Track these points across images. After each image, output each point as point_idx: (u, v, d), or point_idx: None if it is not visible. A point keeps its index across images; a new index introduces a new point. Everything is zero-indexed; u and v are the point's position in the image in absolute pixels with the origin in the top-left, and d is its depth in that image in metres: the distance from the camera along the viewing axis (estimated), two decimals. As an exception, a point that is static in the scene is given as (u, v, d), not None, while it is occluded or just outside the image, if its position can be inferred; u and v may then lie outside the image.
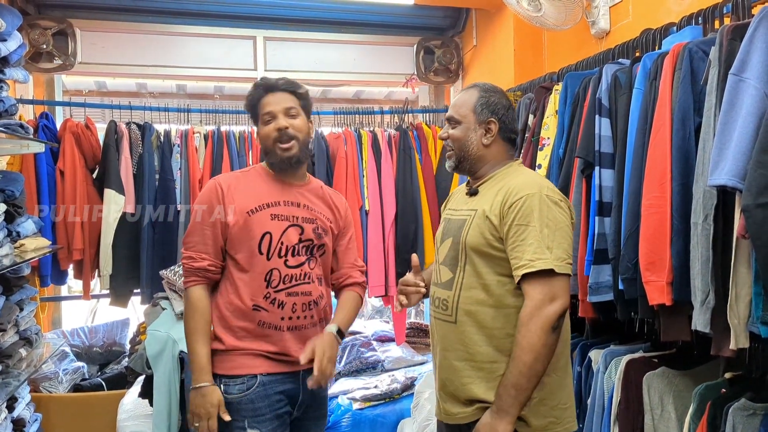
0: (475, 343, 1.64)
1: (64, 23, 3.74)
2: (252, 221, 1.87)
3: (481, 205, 1.70)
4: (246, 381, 1.84)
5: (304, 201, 1.96)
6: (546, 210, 1.58)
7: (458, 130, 1.78)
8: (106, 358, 3.82)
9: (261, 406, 1.83)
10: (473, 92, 1.79)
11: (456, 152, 1.79)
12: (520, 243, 1.57)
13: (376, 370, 3.67)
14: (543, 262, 1.53)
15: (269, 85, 1.93)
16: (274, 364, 1.86)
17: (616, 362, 2.11)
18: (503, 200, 1.63)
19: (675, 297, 1.72)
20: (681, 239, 1.70)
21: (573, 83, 2.37)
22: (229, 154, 3.55)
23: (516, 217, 1.59)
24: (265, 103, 1.91)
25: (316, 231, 1.94)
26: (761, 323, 1.46)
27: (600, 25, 2.94)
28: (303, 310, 1.89)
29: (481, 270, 1.65)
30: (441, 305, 1.74)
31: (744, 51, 1.49)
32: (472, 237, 1.66)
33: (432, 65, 4.37)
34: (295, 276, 1.88)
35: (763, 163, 1.37)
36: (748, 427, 1.62)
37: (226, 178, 1.96)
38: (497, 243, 1.63)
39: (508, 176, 1.73)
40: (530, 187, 1.62)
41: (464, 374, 1.66)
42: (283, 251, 1.87)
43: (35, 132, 3.26)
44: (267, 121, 1.90)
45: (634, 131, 1.91)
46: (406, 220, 3.59)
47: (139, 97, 5.32)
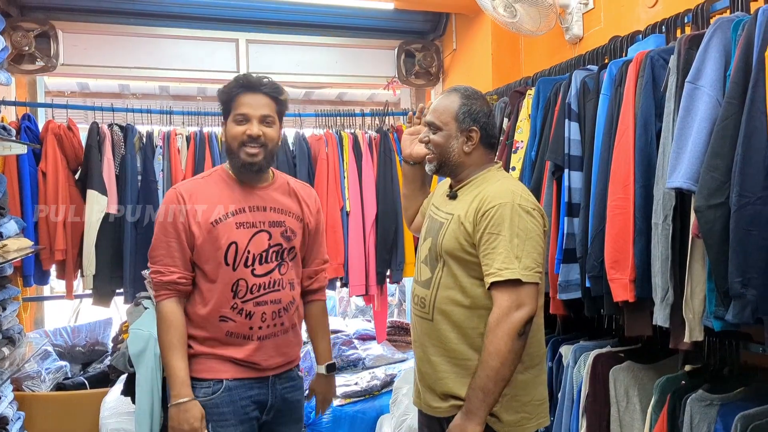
0: (450, 340, 1.70)
1: (47, 25, 3.76)
2: (217, 231, 1.80)
3: (457, 210, 1.74)
4: (212, 385, 1.81)
5: (270, 203, 1.89)
6: (517, 219, 1.62)
7: (439, 136, 1.78)
8: (89, 357, 3.84)
9: (226, 411, 1.80)
10: (455, 98, 1.78)
11: (437, 157, 1.80)
12: (491, 251, 1.62)
13: (357, 368, 3.73)
14: (510, 272, 1.57)
15: (251, 84, 1.83)
16: (241, 369, 1.83)
17: (584, 357, 2.18)
18: (477, 207, 1.67)
19: (638, 294, 1.80)
20: (643, 239, 1.78)
21: (545, 88, 2.45)
22: (211, 155, 3.58)
23: (488, 226, 1.63)
24: (243, 102, 1.81)
25: (284, 234, 1.89)
26: (714, 318, 1.55)
27: (574, 31, 3.03)
28: (273, 318, 1.85)
29: (456, 272, 1.70)
30: (419, 303, 1.80)
31: (699, 60, 1.57)
32: (448, 241, 1.71)
33: (413, 68, 4.44)
34: (264, 284, 1.84)
35: (714, 166, 1.45)
36: (705, 416, 1.70)
37: (187, 187, 1.87)
38: (471, 249, 1.68)
39: (485, 182, 1.76)
40: (504, 196, 1.65)
41: (441, 369, 1.72)
42: (249, 260, 1.82)
43: (17, 133, 3.27)
44: (239, 122, 1.81)
45: (601, 135, 1.99)
46: (386, 221, 3.65)
47: (122, 98, 5.33)
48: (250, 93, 1.82)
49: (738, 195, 1.41)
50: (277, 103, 1.86)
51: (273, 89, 1.85)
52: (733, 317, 1.44)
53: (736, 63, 1.48)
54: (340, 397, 3.32)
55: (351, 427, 3.22)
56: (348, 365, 3.76)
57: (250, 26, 4.28)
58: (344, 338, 3.95)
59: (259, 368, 1.85)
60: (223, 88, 1.86)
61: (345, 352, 3.82)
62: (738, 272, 1.41)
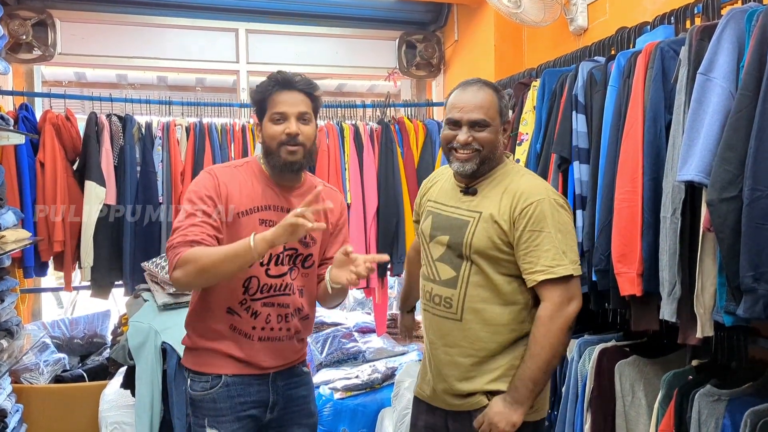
0: (481, 339, 1.71)
1: (44, 14, 3.72)
2: (240, 224, 1.76)
3: (485, 208, 1.71)
4: (210, 380, 1.78)
5: (295, 206, 1.76)
6: (557, 215, 1.65)
7: (489, 132, 1.71)
8: (87, 349, 3.82)
9: (222, 407, 1.77)
10: (490, 92, 1.74)
11: (483, 154, 1.72)
12: (534, 249, 1.63)
13: (357, 361, 3.72)
14: (563, 268, 1.61)
15: (286, 80, 1.77)
16: (241, 366, 1.79)
17: (589, 351, 2.17)
18: (512, 205, 1.67)
19: (645, 288, 1.78)
20: (651, 232, 1.76)
21: (550, 80, 2.43)
22: (211, 146, 3.55)
23: (529, 223, 1.64)
24: (279, 100, 1.75)
25: (303, 240, 1.82)
26: (725, 312, 1.53)
27: (578, 22, 3.00)
28: (278, 321, 1.81)
29: (486, 270, 1.70)
30: (443, 303, 1.76)
31: (711, 51, 1.55)
32: (479, 240, 1.69)
33: (414, 59, 4.40)
34: (275, 286, 1.80)
35: (727, 159, 1.43)
36: (713, 412, 1.69)
37: (223, 172, 1.81)
38: (505, 247, 1.68)
39: (507, 176, 1.75)
40: (539, 192, 1.67)
41: (468, 369, 1.72)
42: (265, 259, 1.77)
43: (15, 123, 3.24)
44: (276, 120, 1.75)
45: (608, 127, 1.97)
46: (387, 214, 3.63)
47: (120, 88, 5.29)
48: (286, 90, 1.76)
49: (751, 188, 1.39)
50: (312, 99, 1.81)
51: (308, 86, 1.79)
52: (744, 312, 1.43)
53: (750, 54, 1.46)
54: (341, 390, 3.31)
55: (352, 421, 3.21)
56: (348, 358, 3.74)
57: (249, 16, 4.24)
58: (344, 331, 3.93)
59: (259, 367, 1.81)
60: (257, 87, 1.81)
61: (345, 345, 3.80)
62: (750, 267, 1.39)
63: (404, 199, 3.66)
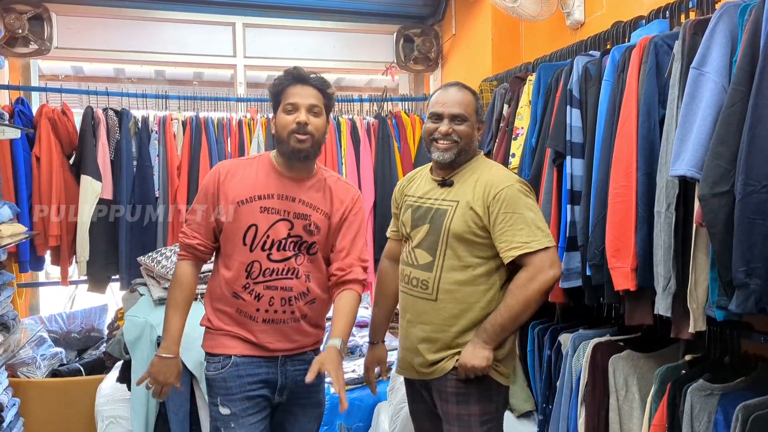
0: (454, 316, 1.88)
1: (40, 7, 3.70)
2: (241, 212, 1.89)
3: (461, 197, 1.89)
4: (221, 360, 1.90)
5: (302, 196, 1.93)
6: (525, 198, 1.84)
7: (466, 126, 1.93)
8: (85, 343, 3.82)
9: (232, 386, 1.88)
10: (468, 94, 1.96)
11: (459, 145, 1.92)
12: (509, 228, 1.81)
13: (354, 355, 3.71)
14: (538, 243, 1.78)
15: (300, 76, 1.90)
16: (249, 347, 1.90)
17: (584, 346, 2.17)
18: (485, 192, 1.85)
19: (639, 283, 1.78)
20: (645, 227, 1.76)
21: (546, 74, 2.42)
22: (207, 140, 3.55)
23: (502, 206, 1.82)
24: (292, 93, 1.88)
25: (307, 228, 1.92)
26: (717, 307, 1.53)
27: (575, 16, 2.99)
28: (282, 304, 1.89)
29: (461, 253, 1.87)
30: (420, 285, 1.94)
31: (705, 45, 1.54)
32: (457, 225, 1.86)
33: (411, 53, 4.39)
34: (277, 270, 1.89)
35: (719, 154, 1.43)
36: (705, 406, 1.69)
37: (230, 166, 1.97)
38: (480, 231, 1.85)
39: (478, 169, 1.94)
40: (508, 180, 1.87)
41: (442, 343, 1.90)
42: (267, 244, 1.88)
43: (11, 118, 3.24)
44: (289, 111, 1.87)
45: (603, 122, 1.97)
46: (384, 208, 3.62)
47: (117, 82, 5.28)
48: (299, 84, 1.89)
49: (743, 183, 1.38)
50: (325, 96, 1.92)
51: (321, 83, 1.92)
52: (736, 307, 1.42)
53: (743, 49, 1.45)
54: (337, 384, 3.31)
55: (348, 415, 3.21)
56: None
57: (247, 10, 4.22)
58: (341, 325, 3.93)
59: (267, 349, 1.91)
60: (274, 81, 1.94)
61: (342, 339, 3.80)
62: (742, 262, 1.39)
63: (401, 193, 3.65)
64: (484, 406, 1.88)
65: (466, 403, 1.87)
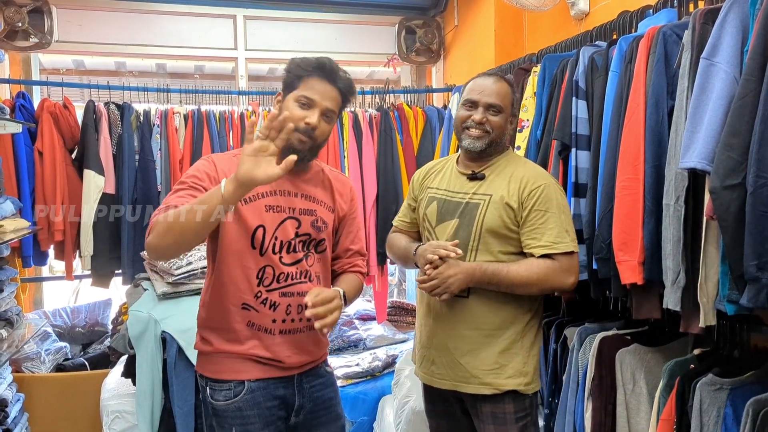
0: (485, 314, 1.87)
1: (39, 0, 3.67)
2: (245, 212, 1.67)
3: (495, 191, 1.88)
4: (233, 387, 1.68)
5: (303, 190, 1.77)
6: (560, 198, 1.86)
7: (501, 117, 1.91)
8: (89, 338, 3.82)
9: (250, 414, 1.67)
10: (506, 85, 1.94)
11: (491, 136, 1.90)
12: (539, 226, 1.82)
13: (358, 348, 3.71)
14: (565, 245, 1.81)
15: (329, 71, 1.70)
16: (264, 368, 1.70)
17: (590, 339, 2.16)
18: (520, 187, 1.86)
19: (646, 276, 1.76)
20: (653, 220, 1.74)
21: (551, 65, 2.39)
22: (209, 134, 3.53)
23: (536, 203, 1.83)
24: (313, 85, 1.68)
25: (315, 224, 1.76)
26: (727, 301, 1.51)
27: (579, 6, 2.96)
28: (298, 312, 1.71)
29: (493, 249, 1.87)
30: None
31: (715, 35, 1.51)
32: (491, 220, 1.86)
33: (414, 45, 4.36)
34: (292, 274, 1.71)
35: (731, 146, 1.40)
36: (714, 401, 1.67)
37: (220, 159, 1.72)
38: (512, 225, 1.86)
39: (510, 164, 1.94)
40: (544, 177, 1.89)
41: (473, 341, 1.88)
42: (277, 247, 1.69)
43: (12, 112, 3.22)
44: (302, 104, 1.67)
45: (610, 113, 1.94)
46: (387, 201, 3.61)
47: (119, 76, 5.25)
48: (325, 80, 1.69)
49: (755, 176, 1.36)
50: (344, 100, 1.76)
51: (348, 87, 1.74)
52: (747, 301, 1.40)
53: (754, 38, 1.42)
54: (342, 378, 3.31)
55: (352, 409, 3.21)
56: (349, 345, 3.74)
57: (247, 2, 4.20)
58: (345, 318, 3.93)
59: (282, 367, 1.72)
60: (299, 60, 1.71)
61: (346, 333, 3.80)
62: (754, 255, 1.37)
63: (403, 186, 3.64)
64: (519, 403, 1.87)
65: (501, 400, 1.86)
